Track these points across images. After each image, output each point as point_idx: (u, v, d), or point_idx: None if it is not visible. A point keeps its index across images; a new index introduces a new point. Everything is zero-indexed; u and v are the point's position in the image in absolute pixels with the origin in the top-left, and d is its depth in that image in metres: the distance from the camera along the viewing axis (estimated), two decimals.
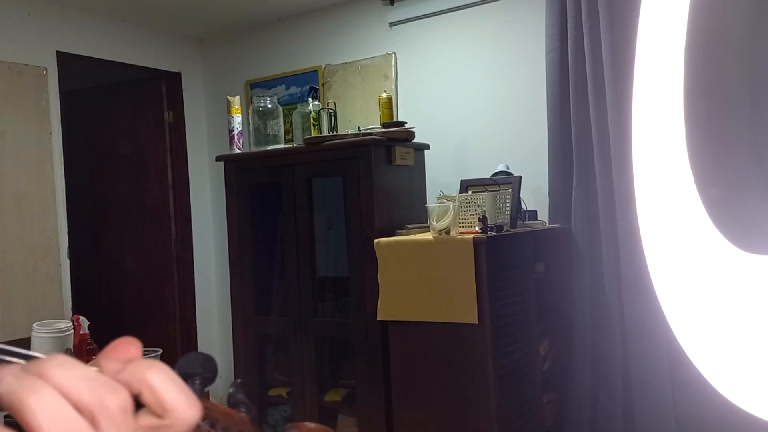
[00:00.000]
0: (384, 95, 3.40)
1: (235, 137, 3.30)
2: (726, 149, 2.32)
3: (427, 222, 2.76)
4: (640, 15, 2.29)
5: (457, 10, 3.52)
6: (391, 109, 3.39)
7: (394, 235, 2.82)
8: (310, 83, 4.05)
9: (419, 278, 2.60)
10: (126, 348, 0.39)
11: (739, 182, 2.31)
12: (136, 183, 4.46)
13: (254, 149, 3.31)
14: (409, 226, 2.90)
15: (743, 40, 2.33)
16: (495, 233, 2.54)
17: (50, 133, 3.63)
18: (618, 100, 2.79)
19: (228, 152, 3.33)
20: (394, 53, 3.74)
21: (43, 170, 3.59)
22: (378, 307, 2.73)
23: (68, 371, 0.35)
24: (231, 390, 0.47)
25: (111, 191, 4.53)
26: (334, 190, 3.11)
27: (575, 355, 2.96)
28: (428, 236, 2.64)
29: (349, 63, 3.89)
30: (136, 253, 4.46)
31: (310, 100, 3.60)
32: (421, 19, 3.64)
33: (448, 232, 2.57)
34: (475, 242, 2.48)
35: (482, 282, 2.47)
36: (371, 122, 3.51)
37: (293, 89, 4.12)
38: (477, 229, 2.57)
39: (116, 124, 4.53)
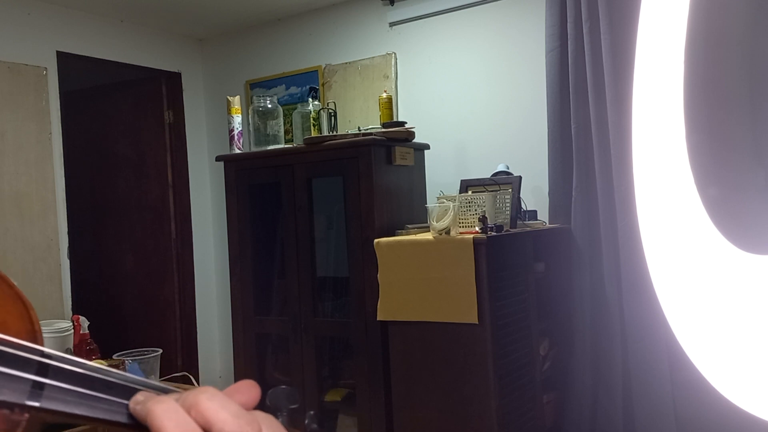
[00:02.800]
0: (384, 95, 3.40)
1: (235, 137, 3.30)
2: (726, 149, 2.32)
3: (427, 222, 2.76)
4: (640, 15, 2.29)
5: (457, 10, 3.52)
6: (391, 109, 3.39)
7: (394, 235, 2.82)
8: (310, 83, 4.05)
9: (419, 278, 2.60)
10: (248, 390, 0.46)
11: (739, 182, 2.31)
12: (136, 183, 4.46)
13: (254, 149, 3.32)
14: (409, 226, 2.90)
15: (743, 40, 2.33)
16: (495, 233, 2.54)
17: (50, 133, 3.64)
18: (618, 100, 2.79)
19: (228, 152, 3.34)
20: (394, 53, 3.74)
21: (43, 170, 3.59)
22: (378, 307, 2.73)
23: (216, 404, 0.41)
24: (307, 421, 0.54)
25: (111, 191, 4.53)
26: (334, 190, 3.11)
27: (575, 355, 2.96)
28: (428, 236, 2.64)
29: (349, 63, 3.89)
30: (136, 253, 4.46)
31: (310, 100, 3.60)
32: (421, 19, 3.64)
33: (448, 232, 2.57)
34: (475, 242, 2.48)
35: (482, 282, 2.47)
36: (371, 122, 3.51)
37: (293, 89, 4.12)
38: (477, 229, 2.57)
39: (116, 124, 4.53)
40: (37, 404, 0.40)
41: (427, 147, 3.29)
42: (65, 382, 0.41)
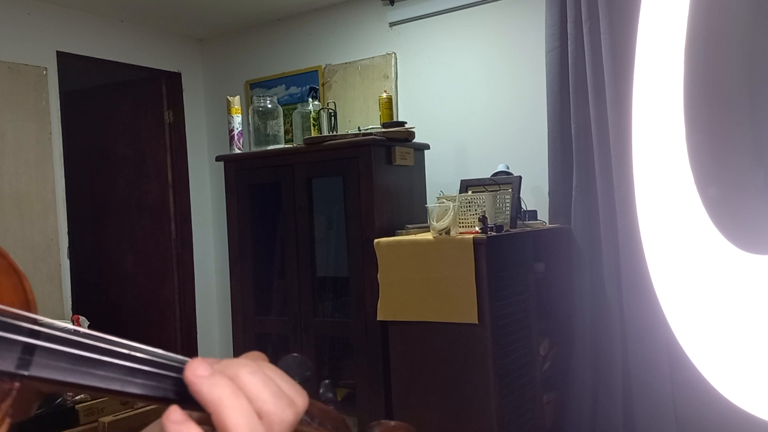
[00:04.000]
0: (384, 95, 3.40)
1: (235, 137, 3.30)
2: (726, 149, 2.32)
3: (427, 222, 2.76)
4: (640, 15, 2.29)
5: (457, 10, 3.52)
6: (391, 109, 3.39)
7: (394, 235, 2.82)
8: (310, 83, 4.05)
9: (419, 278, 2.60)
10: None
11: (739, 182, 2.31)
12: (136, 183, 4.46)
13: (254, 149, 3.32)
14: (409, 226, 2.90)
15: (743, 40, 2.33)
16: (495, 233, 2.54)
17: (50, 133, 3.64)
18: (618, 100, 2.79)
19: (228, 152, 3.34)
20: (394, 53, 3.74)
21: (43, 170, 3.59)
22: (378, 307, 2.73)
23: (258, 381, 0.41)
24: (321, 390, 0.53)
25: (111, 191, 4.53)
26: (334, 190, 3.11)
27: (575, 355, 2.96)
28: (428, 236, 2.64)
29: (349, 63, 3.89)
30: (136, 253, 4.46)
31: (310, 100, 3.60)
32: (421, 19, 3.64)
33: (448, 232, 2.57)
34: (475, 242, 2.48)
35: (482, 282, 2.47)
36: (371, 122, 3.51)
37: (293, 89, 4.12)
38: (477, 229, 2.57)
39: (116, 124, 4.53)
40: (25, 372, 0.37)
41: (427, 147, 3.29)
42: (58, 345, 0.38)
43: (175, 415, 0.39)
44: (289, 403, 0.41)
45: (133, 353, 0.41)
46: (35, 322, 0.39)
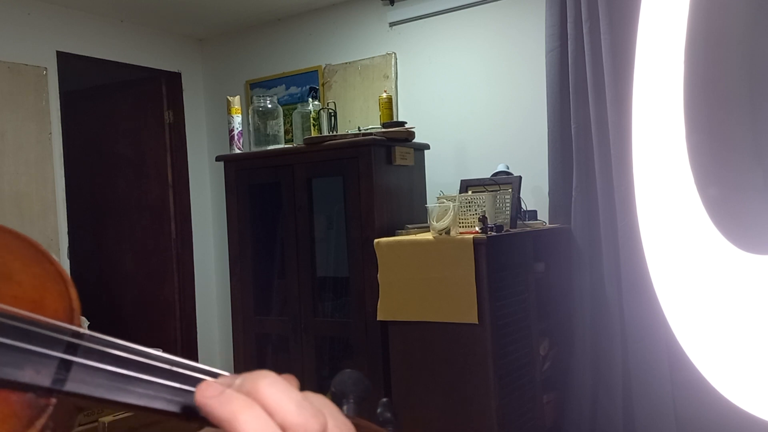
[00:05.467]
0: (384, 95, 3.40)
1: (235, 137, 3.30)
2: (726, 149, 2.32)
3: (427, 222, 2.76)
4: (640, 15, 2.29)
5: (457, 10, 3.52)
6: (391, 109, 3.39)
7: (394, 235, 2.82)
8: (310, 83, 4.05)
9: (419, 278, 2.60)
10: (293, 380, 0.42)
11: (739, 182, 2.31)
12: (136, 183, 4.46)
13: (254, 149, 3.31)
14: (409, 226, 2.90)
15: (743, 40, 2.33)
16: (495, 233, 2.54)
17: (50, 133, 3.64)
18: (618, 100, 2.79)
19: (228, 152, 3.34)
20: (394, 53, 3.74)
21: (43, 170, 3.59)
22: (378, 307, 2.73)
23: (278, 392, 0.38)
24: (379, 409, 0.49)
25: (111, 191, 4.53)
26: (334, 190, 3.11)
27: (575, 355, 2.96)
28: (428, 236, 2.64)
29: (349, 63, 3.89)
30: (136, 253, 4.46)
31: (310, 100, 3.60)
32: (421, 19, 3.64)
33: (448, 232, 2.57)
34: (475, 242, 2.48)
35: (482, 282, 2.47)
36: (371, 122, 3.51)
37: (293, 89, 4.12)
38: (477, 229, 2.57)
39: (116, 124, 4.53)
40: (61, 387, 0.36)
41: (427, 147, 3.29)
42: (95, 362, 0.37)
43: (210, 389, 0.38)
44: (314, 413, 0.38)
45: (173, 368, 0.40)
46: (76, 334, 0.38)
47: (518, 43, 3.35)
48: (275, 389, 0.38)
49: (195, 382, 0.40)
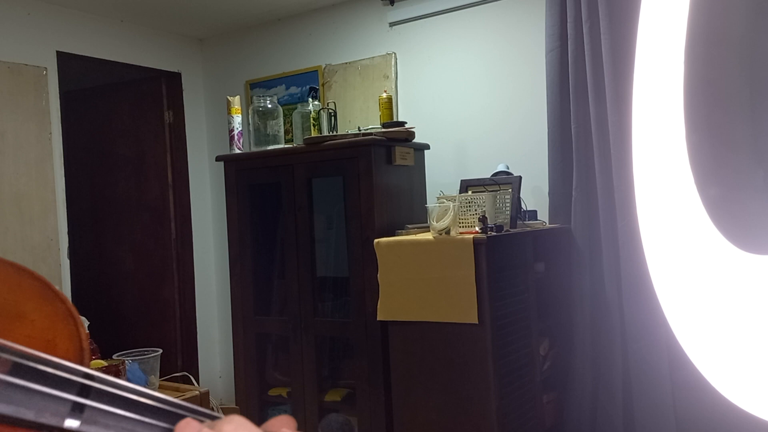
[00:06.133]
0: (384, 95, 3.40)
1: (235, 137, 3.30)
2: (726, 149, 2.32)
3: (427, 222, 2.76)
4: (640, 14, 2.29)
5: (457, 10, 3.52)
6: (391, 109, 3.39)
7: (394, 235, 2.82)
8: (310, 83, 4.05)
9: (419, 278, 2.60)
10: (286, 422, 0.45)
11: (739, 182, 2.31)
12: (136, 183, 4.46)
13: (254, 149, 3.32)
14: (409, 226, 2.90)
15: (743, 40, 2.33)
16: (495, 233, 2.55)
17: (50, 133, 3.64)
18: (618, 100, 2.79)
19: (228, 152, 3.34)
20: (394, 53, 3.74)
21: (43, 170, 3.59)
22: (378, 307, 2.73)
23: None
24: None
25: (111, 191, 4.53)
26: (334, 190, 3.11)
27: (575, 355, 2.96)
28: (428, 236, 2.64)
29: (349, 63, 3.89)
30: (136, 253, 4.46)
31: (310, 100, 3.60)
32: (421, 19, 3.64)
33: (448, 232, 2.57)
34: (475, 242, 2.48)
35: (482, 282, 2.47)
36: (371, 122, 3.51)
37: (293, 89, 4.12)
38: (477, 229, 2.57)
39: (116, 124, 4.53)
40: (75, 427, 0.39)
41: (427, 147, 3.29)
42: (107, 405, 0.40)
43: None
44: None
45: (176, 411, 0.42)
46: (87, 376, 0.40)
47: (518, 43, 3.35)
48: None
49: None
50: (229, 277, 3.34)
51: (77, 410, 0.39)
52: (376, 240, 2.75)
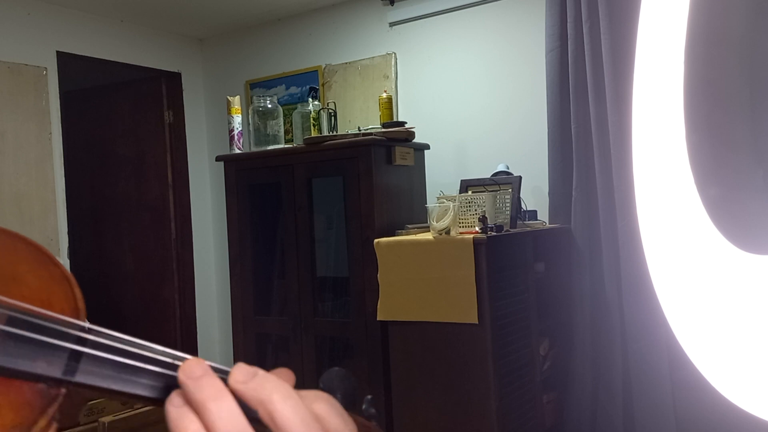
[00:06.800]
0: (384, 95, 3.40)
1: (235, 137, 3.30)
2: (726, 149, 2.32)
3: (427, 222, 2.76)
4: (640, 14, 2.29)
5: (457, 10, 3.52)
6: (391, 109, 3.39)
7: (394, 235, 2.82)
8: (310, 83, 4.05)
9: (419, 278, 2.60)
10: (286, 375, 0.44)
11: (739, 182, 2.31)
12: (136, 183, 4.46)
13: (254, 149, 3.31)
14: (409, 226, 2.90)
15: (743, 40, 2.33)
16: (495, 233, 2.54)
17: (50, 133, 3.63)
18: (618, 100, 2.79)
19: (228, 152, 3.33)
20: (394, 53, 3.74)
21: (43, 170, 3.59)
22: (378, 307, 2.73)
23: (290, 408, 0.39)
24: (364, 405, 0.53)
25: (111, 191, 4.53)
26: (334, 190, 3.11)
27: (575, 355, 2.96)
28: (428, 236, 2.64)
29: (349, 63, 3.89)
30: (136, 253, 4.46)
31: (310, 100, 3.60)
32: (421, 19, 3.64)
33: (448, 232, 2.57)
34: (475, 242, 2.48)
35: (482, 282, 2.47)
36: (371, 122, 3.51)
37: (293, 89, 4.12)
38: (477, 229, 2.57)
39: (116, 124, 4.53)
40: (72, 378, 0.38)
41: (427, 147, 3.29)
42: (103, 353, 0.40)
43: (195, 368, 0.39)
44: (317, 429, 0.40)
45: (176, 362, 0.41)
46: (83, 329, 0.40)
47: (518, 43, 3.35)
48: (288, 405, 0.40)
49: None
50: (229, 277, 3.34)
51: (74, 360, 0.38)
52: (376, 240, 2.75)
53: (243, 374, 0.40)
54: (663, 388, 2.76)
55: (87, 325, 0.41)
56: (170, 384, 0.41)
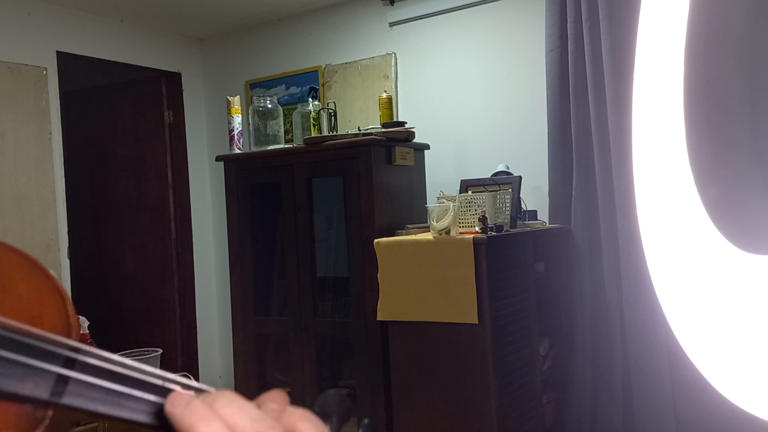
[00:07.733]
0: (384, 95, 3.40)
1: (235, 137, 3.30)
2: (726, 149, 2.32)
3: (427, 222, 2.76)
4: (640, 14, 2.29)
5: (457, 10, 3.52)
6: (391, 109, 3.39)
7: (394, 235, 2.82)
8: (310, 83, 4.05)
9: (419, 278, 2.60)
10: (278, 396, 0.44)
11: (739, 182, 2.31)
12: (136, 183, 4.46)
13: (254, 149, 3.31)
14: (409, 226, 2.90)
15: (743, 40, 2.33)
16: (495, 233, 2.54)
17: (50, 133, 3.64)
18: (618, 100, 2.79)
19: (228, 152, 3.34)
20: (394, 53, 3.74)
21: (43, 170, 3.59)
22: (378, 307, 2.73)
23: (236, 407, 0.40)
24: (360, 430, 0.52)
25: (111, 191, 4.53)
26: (334, 190, 3.11)
27: (575, 355, 2.96)
28: (428, 236, 2.64)
29: (349, 63, 3.89)
30: (136, 253, 4.46)
31: (310, 100, 3.60)
32: (421, 19, 3.64)
33: (448, 232, 2.57)
34: (475, 242, 2.48)
35: (482, 282, 2.47)
36: (371, 122, 3.51)
37: (293, 89, 4.12)
38: (477, 229, 2.57)
39: (116, 124, 4.53)
40: (59, 400, 0.38)
41: (427, 147, 3.29)
42: (91, 377, 0.39)
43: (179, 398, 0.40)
44: (270, 425, 0.40)
45: (166, 385, 0.42)
46: (73, 349, 0.40)
47: (518, 43, 3.35)
48: (233, 405, 0.40)
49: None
50: (229, 277, 3.34)
51: (61, 383, 0.38)
52: (376, 240, 2.75)
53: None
54: (663, 388, 2.76)
55: (77, 344, 0.40)
56: (159, 408, 0.41)
